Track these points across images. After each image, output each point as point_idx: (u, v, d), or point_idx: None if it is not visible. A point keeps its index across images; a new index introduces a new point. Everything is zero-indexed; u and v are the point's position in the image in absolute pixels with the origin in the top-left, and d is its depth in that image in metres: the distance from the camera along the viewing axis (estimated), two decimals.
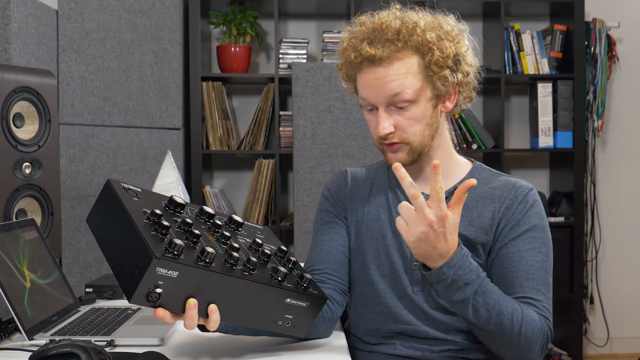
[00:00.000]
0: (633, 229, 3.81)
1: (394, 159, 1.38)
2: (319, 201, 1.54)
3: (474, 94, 1.44)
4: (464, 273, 1.22)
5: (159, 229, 1.07)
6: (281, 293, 1.19)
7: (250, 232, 1.32)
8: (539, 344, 1.30)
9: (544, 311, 1.32)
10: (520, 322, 1.27)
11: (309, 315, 1.25)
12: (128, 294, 1.03)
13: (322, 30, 3.56)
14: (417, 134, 1.36)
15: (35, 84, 1.86)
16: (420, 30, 1.33)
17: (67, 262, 2.78)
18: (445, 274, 1.21)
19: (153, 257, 1.01)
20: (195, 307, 1.08)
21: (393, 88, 1.32)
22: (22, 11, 2.48)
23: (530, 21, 3.71)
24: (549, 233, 1.40)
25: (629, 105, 3.80)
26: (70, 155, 2.82)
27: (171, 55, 3.08)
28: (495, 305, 1.26)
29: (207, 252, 1.08)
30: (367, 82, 1.35)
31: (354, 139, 3.08)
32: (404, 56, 1.33)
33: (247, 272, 1.14)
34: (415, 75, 1.33)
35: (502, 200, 1.39)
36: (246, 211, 3.45)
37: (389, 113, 1.35)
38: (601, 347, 3.76)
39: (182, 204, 1.18)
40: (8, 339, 1.39)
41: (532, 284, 1.33)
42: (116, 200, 1.11)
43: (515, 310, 1.27)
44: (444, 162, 1.41)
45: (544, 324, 1.31)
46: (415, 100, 1.34)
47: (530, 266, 1.34)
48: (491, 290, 1.27)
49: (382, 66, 1.33)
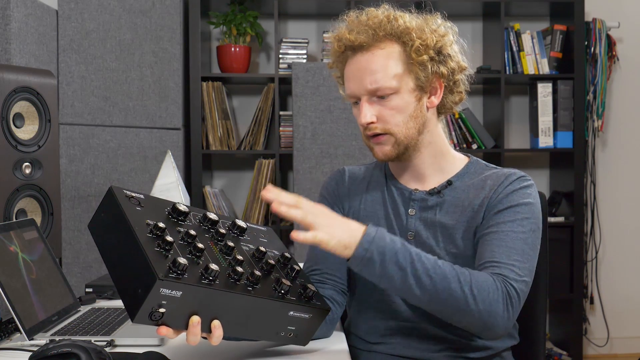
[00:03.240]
0: (633, 229, 3.81)
1: (379, 152, 1.39)
2: (317, 201, 1.54)
3: (464, 94, 1.43)
4: (387, 243, 1.19)
5: (163, 245, 1.07)
6: (284, 306, 1.18)
7: (253, 235, 1.31)
8: (500, 304, 1.20)
9: (505, 271, 1.24)
10: (469, 282, 1.19)
11: (311, 325, 1.24)
12: (131, 313, 1.02)
13: (322, 30, 3.57)
14: (400, 124, 1.36)
15: (35, 84, 1.86)
16: (403, 21, 1.35)
17: (67, 262, 2.78)
18: (368, 250, 1.17)
19: (157, 279, 0.99)
20: (198, 325, 1.07)
21: (374, 77, 1.33)
22: (22, 11, 2.48)
23: (530, 21, 3.71)
24: (536, 213, 1.34)
25: (629, 105, 3.80)
26: (70, 155, 2.82)
27: (171, 55, 3.08)
28: (436, 270, 1.19)
29: (211, 269, 1.07)
30: (351, 72, 1.37)
31: (354, 139, 3.08)
32: (385, 45, 1.35)
33: (250, 287, 1.14)
34: (396, 64, 1.34)
35: (494, 188, 1.37)
36: (246, 211, 3.45)
37: (371, 103, 1.36)
38: (601, 347, 3.76)
39: (185, 212, 1.18)
40: (8, 339, 1.39)
41: (503, 250, 1.27)
42: (119, 210, 1.10)
43: (460, 272, 1.20)
44: (436, 160, 1.42)
45: (498, 282, 1.22)
46: (397, 91, 1.34)
47: (506, 236, 1.29)
48: (425, 256, 1.21)
49: (364, 55, 1.35)
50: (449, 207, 1.39)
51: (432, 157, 1.42)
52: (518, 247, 1.28)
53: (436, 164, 1.43)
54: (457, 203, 1.38)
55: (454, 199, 1.39)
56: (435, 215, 1.39)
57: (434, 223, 1.39)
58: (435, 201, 1.40)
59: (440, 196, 1.40)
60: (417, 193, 1.42)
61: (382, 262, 1.18)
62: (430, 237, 1.38)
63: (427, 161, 1.42)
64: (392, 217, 1.43)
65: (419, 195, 1.42)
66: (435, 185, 1.42)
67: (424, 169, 1.43)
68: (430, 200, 1.40)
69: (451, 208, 1.39)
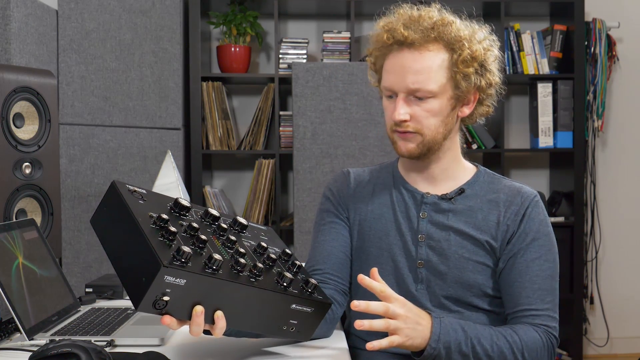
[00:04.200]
0: (633, 229, 3.81)
1: (403, 147, 1.39)
2: (320, 201, 1.54)
3: (492, 108, 1.46)
4: (451, 337, 1.25)
5: (166, 235, 1.07)
6: (286, 299, 1.19)
7: (254, 233, 1.32)
8: (546, 357, 1.33)
9: (546, 320, 1.35)
10: (521, 350, 1.30)
11: (313, 320, 1.25)
12: (135, 301, 1.03)
13: (322, 30, 3.56)
14: (432, 128, 1.37)
15: (35, 84, 1.85)
16: (456, 27, 1.36)
17: (67, 262, 2.78)
18: (436, 348, 1.24)
19: (161, 266, 1.00)
20: (202, 315, 1.08)
21: (417, 77, 1.33)
22: (22, 11, 2.48)
23: (530, 21, 3.71)
24: (554, 239, 1.42)
25: (629, 105, 3.80)
26: (70, 155, 2.82)
27: (171, 55, 3.08)
28: (494, 347, 1.28)
29: (215, 259, 1.08)
30: (393, 66, 1.37)
31: (354, 139, 3.08)
32: (434, 48, 1.35)
33: (253, 278, 1.14)
34: (441, 69, 1.35)
35: (508, 205, 1.40)
36: (246, 211, 3.45)
37: (408, 102, 1.36)
38: (601, 347, 3.76)
39: (187, 207, 1.18)
40: (8, 339, 1.39)
41: (537, 294, 1.36)
42: (122, 203, 1.10)
43: (512, 342, 1.30)
44: (450, 166, 1.45)
45: (544, 337, 1.33)
46: (436, 95, 1.35)
47: (536, 276, 1.36)
48: (481, 334, 1.29)
49: (412, 53, 1.35)
50: (461, 214, 1.41)
51: (448, 163, 1.45)
52: (548, 286, 1.38)
53: (449, 170, 1.45)
54: (470, 211, 1.41)
55: (466, 207, 1.42)
56: (448, 220, 1.41)
57: (447, 227, 1.40)
58: (447, 206, 1.42)
59: (452, 202, 1.42)
60: (429, 197, 1.43)
61: (447, 354, 1.26)
62: (441, 240, 1.40)
63: (442, 166, 1.44)
64: (402, 220, 1.43)
65: (432, 199, 1.43)
66: (446, 190, 1.44)
67: (437, 173, 1.44)
68: (443, 205, 1.42)
69: (463, 216, 1.41)
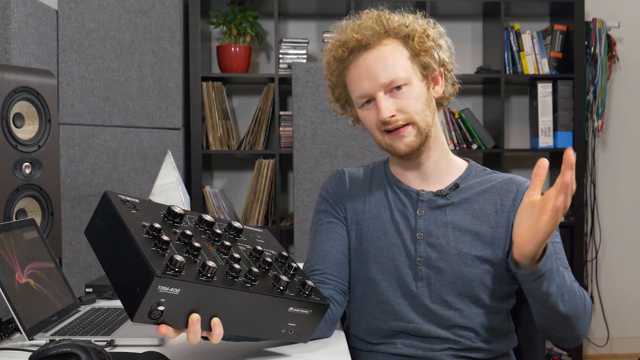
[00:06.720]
0: (633, 229, 3.81)
1: (401, 145, 1.39)
2: (317, 202, 1.54)
3: (457, 85, 1.48)
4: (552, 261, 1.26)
5: (159, 244, 1.07)
6: (284, 302, 1.18)
7: (250, 237, 1.32)
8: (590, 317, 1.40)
9: None
10: (583, 293, 1.34)
11: (312, 321, 1.25)
12: (130, 312, 1.02)
13: (322, 30, 3.57)
14: (420, 112, 1.38)
15: (35, 84, 1.86)
16: (397, 18, 1.40)
17: (67, 262, 2.78)
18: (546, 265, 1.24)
19: (154, 276, 1.00)
20: (198, 322, 1.07)
21: (387, 70, 1.36)
22: (22, 11, 2.48)
23: (530, 21, 3.71)
24: None
25: (629, 105, 3.80)
26: (70, 155, 2.83)
27: (171, 55, 3.08)
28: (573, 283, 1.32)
29: (209, 266, 1.07)
30: (359, 73, 1.39)
31: (354, 139, 3.08)
32: (388, 42, 1.39)
33: (249, 283, 1.14)
34: (403, 57, 1.38)
35: (504, 193, 1.42)
36: (246, 211, 3.45)
37: (387, 99, 1.38)
38: (601, 347, 3.76)
39: (180, 214, 1.18)
40: (8, 339, 1.39)
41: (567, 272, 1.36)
42: (114, 213, 1.10)
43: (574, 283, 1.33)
44: (441, 158, 1.46)
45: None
46: (409, 81, 1.38)
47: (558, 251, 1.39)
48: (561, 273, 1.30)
49: (370, 53, 1.38)
50: (458, 208, 1.41)
51: (438, 155, 1.45)
52: (563, 257, 1.41)
53: (440, 163, 1.45)
54: (467, 203, 1.42)
55: (462, 200, 1.42)
56: (445, 216, 1.41)
57: (445, 223, 1.41)
58: (443, 202, 1.42)
59: (448, 198, 1.42)
60: (424, 194, 1.43)
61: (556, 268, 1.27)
62: (440, 237, 1.40)
63: (433, 159, 1.44)
64: (399, 219, 1.43)
65: (427, 196, 1.43)
66: (440, 186, 1.44)
67: (430, 168, 1.45)
68: (439, 201, 1.42)
69: (461, 208, 1.41)
